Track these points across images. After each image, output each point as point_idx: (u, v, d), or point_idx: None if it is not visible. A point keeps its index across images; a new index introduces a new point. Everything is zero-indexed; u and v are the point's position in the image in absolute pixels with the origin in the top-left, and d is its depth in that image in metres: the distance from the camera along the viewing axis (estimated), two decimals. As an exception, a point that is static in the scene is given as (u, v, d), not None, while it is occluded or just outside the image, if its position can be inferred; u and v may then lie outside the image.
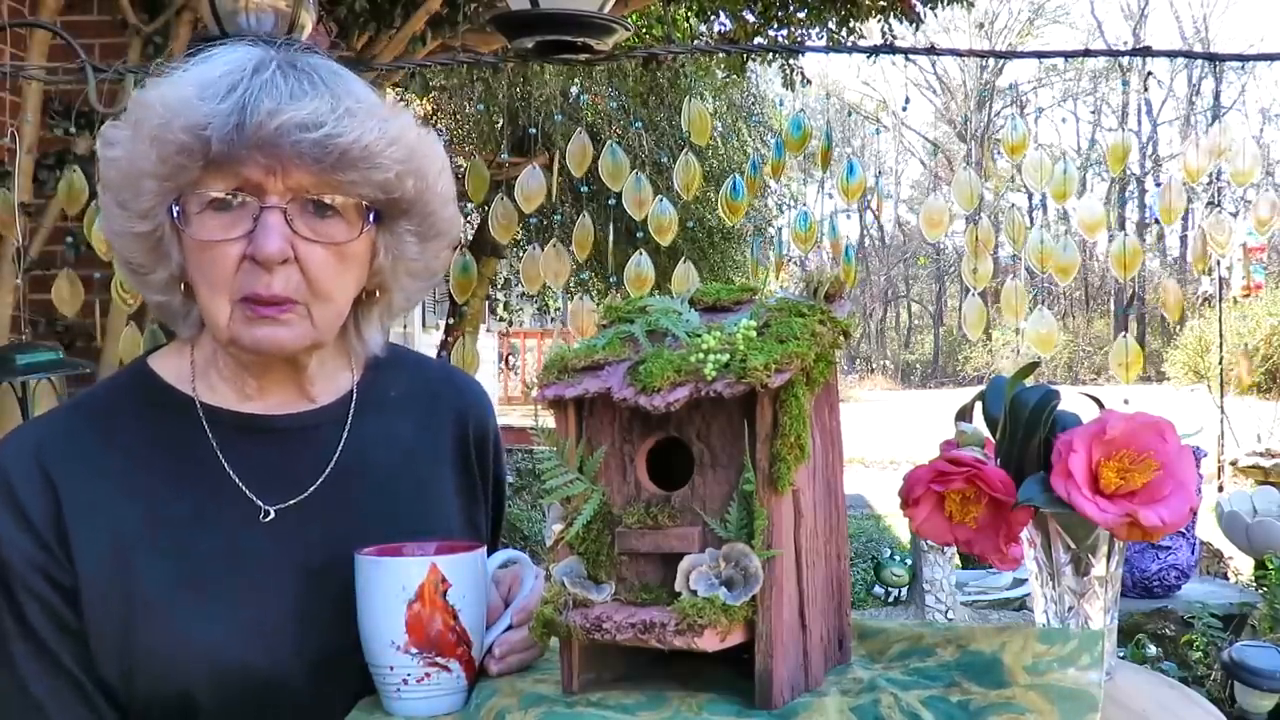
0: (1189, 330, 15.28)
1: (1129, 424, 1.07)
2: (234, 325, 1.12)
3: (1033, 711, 0.97)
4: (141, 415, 1.19)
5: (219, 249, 1.10)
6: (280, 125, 1.06)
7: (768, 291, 1.11)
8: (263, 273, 1.10)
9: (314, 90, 1.09)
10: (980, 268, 3.02)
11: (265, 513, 1.18)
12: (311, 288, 1.12)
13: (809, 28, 6.38)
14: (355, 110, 1.10)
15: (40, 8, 3.60)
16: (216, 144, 1.06)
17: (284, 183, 1.09)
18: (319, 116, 1.07)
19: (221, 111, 1.06)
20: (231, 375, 1.21)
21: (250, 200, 1.09)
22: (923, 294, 42.98)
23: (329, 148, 1.07)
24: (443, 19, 4.42)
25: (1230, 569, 6.30)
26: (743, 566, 0.97)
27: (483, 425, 1.36)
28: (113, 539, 1.12)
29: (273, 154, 1.07)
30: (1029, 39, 36.64)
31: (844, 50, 4.70)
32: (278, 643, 1.14)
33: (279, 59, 1.11)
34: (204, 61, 1.11)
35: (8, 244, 3.33)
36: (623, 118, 6.86)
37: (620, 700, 1.00)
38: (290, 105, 1.06)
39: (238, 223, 1.10)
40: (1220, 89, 25.77)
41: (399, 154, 1.12)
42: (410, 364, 1.37)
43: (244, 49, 1.12)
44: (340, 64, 1.17)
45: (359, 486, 1.23)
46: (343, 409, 1.26)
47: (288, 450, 1.21)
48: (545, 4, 2.67)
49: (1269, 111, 26.18)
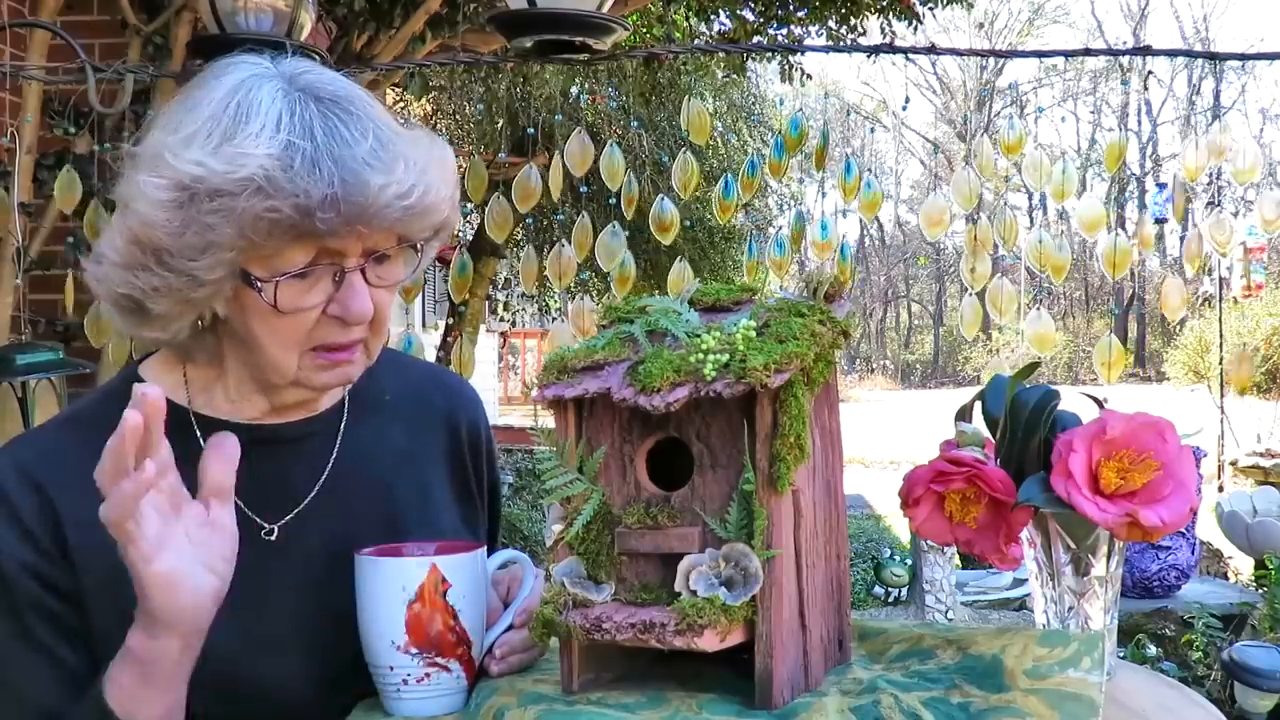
0: (1189, 330, 15.28)
1: (1129, 424, 1.07)
2: (303, 373, 1.13)
3: (1033, 716, 0.97)
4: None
5: (300, 315, 1.10)
6: (389, 200, 1.06)
7: (767, 291, 1.11)
8: (342, 327, 1.11)
9: (387, 147, 1.08)
10: (979, 267, 3.02)
11: (269, 531, 1.18)
12: (374, 326, 1.14)
13: (809, 26, 6.38)
14: (419, 161, 1.10)
15: (40, 8, 3.59)
16: (320, 224, 1.04)
17: (363, 245, 1.10)
18: (410, 178, 1.07)
19: (322, 186, 1.03)
20: (240, 397, 1.20)
21: (330, 264, 1.09)
22: (923, 294, 42.98)
23: (415, 209, 1.09)
24: (442, 19, 4.41)
25: (1230, 569, 6.30)
26: (742, 566, 0.97)
27: (475, 427, 1.36)
28: (112, 555, 1.09)
29: (371, 224, 1.07)
30: (1029, 39, 36.64)
31: (844, 49, 4.70)
32: (283, 656, 1.14)
33: (314, 99, 1.07)
34: (245, 117, 1.05)
35: (8, 244, 3.33)
36: (623, 118, 6.86)
37: (620, 700, 1.00)
38: (390, 177, 1.06)
39: (318, 287, 1.09)
40: (1220, 89, 25.80)
41: (448, 190, 1.15)
42: (401, 367, 1.37)
43: (268, 80, 1.08)
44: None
45: (355, 493, 1.23)
46: (336, 415, 1.26)
47: (284, 460, 1.20)
48: (544, 4, 2.67)
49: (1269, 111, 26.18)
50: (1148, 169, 34.66)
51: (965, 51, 3.26)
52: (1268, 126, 26.00)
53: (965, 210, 3.03)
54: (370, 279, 1.11)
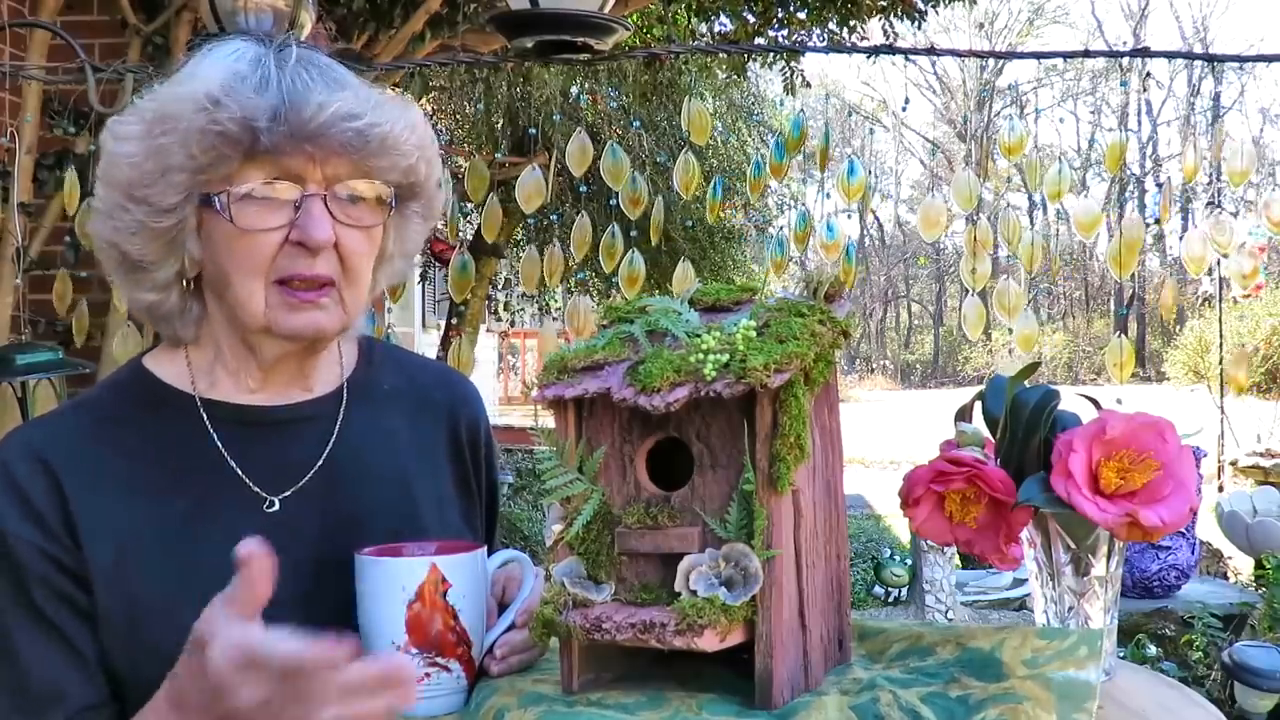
0: (1189, 330, 15.28)
1: (1129, 424, 1.07)
2: (272, 312, 1.14)
3: (1030, 699, 0.97)
4: (142, 414, 1.20)
5: (260, 236, 1.12)
6: (330, 116, 1.09)
7: (767, 292, 1.11)
8: (306, 255, 1.13)
9: (343, 82, 1.13)
10: (979, 268, 3.02)
11: (270, 503, 1.19)
12: (346, 272, 1.16)
13: (809, 28, 6.38)
14: (381, 101, 1.15)
15: (40, 8, 3.59)
16: (265, 136, 1.08)
17: (322, 171, 1.12)
18: (360, 107, 1.11)
19: (266, 103, 1.08)
20: (237, 368, 1.22)
21: (291, 189, 1.12)
22: (923, 294, 42.98)
23: (369, 136, 1.12)
24: (442, 19, 4.41)
25: (1230, 569, 6.30)
26: (742, 566, 0.97)
27: (475, 423, 1.37)
28: (117, 538, 1.13)
29: (319, 144, 1.10)
30: (1029, 39, 36.65)
31: (844, 50, 4.70)
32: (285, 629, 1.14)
33: (291, 53, 1.14)
34: (221, 57, 1.13)
35: (8, 244, 3.33)
36: (623, 118, 6.86)
37: (620, 700, 1.00)
38: (334, 97, 1.10)
39: (279, 210, 1.12)
40: (1220, 89, 25.78)
41: (416, 140, 1.18)
42: (402, 361, 1.38)
43: (249, 44, 1.14)
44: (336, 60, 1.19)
45: (354, 476, 1.24)
46: (336, 400, 1.27)
47: (286, 440, 1.22)
48: (545, 4, 2.67)
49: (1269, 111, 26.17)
50: (1148, 169, 34.65)
51: (965, 53, 3.27)
52: (1268, 127, 25.97)
53: (965, 211, 3.04)
54: (336, 213, 1.13)
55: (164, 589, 1.12)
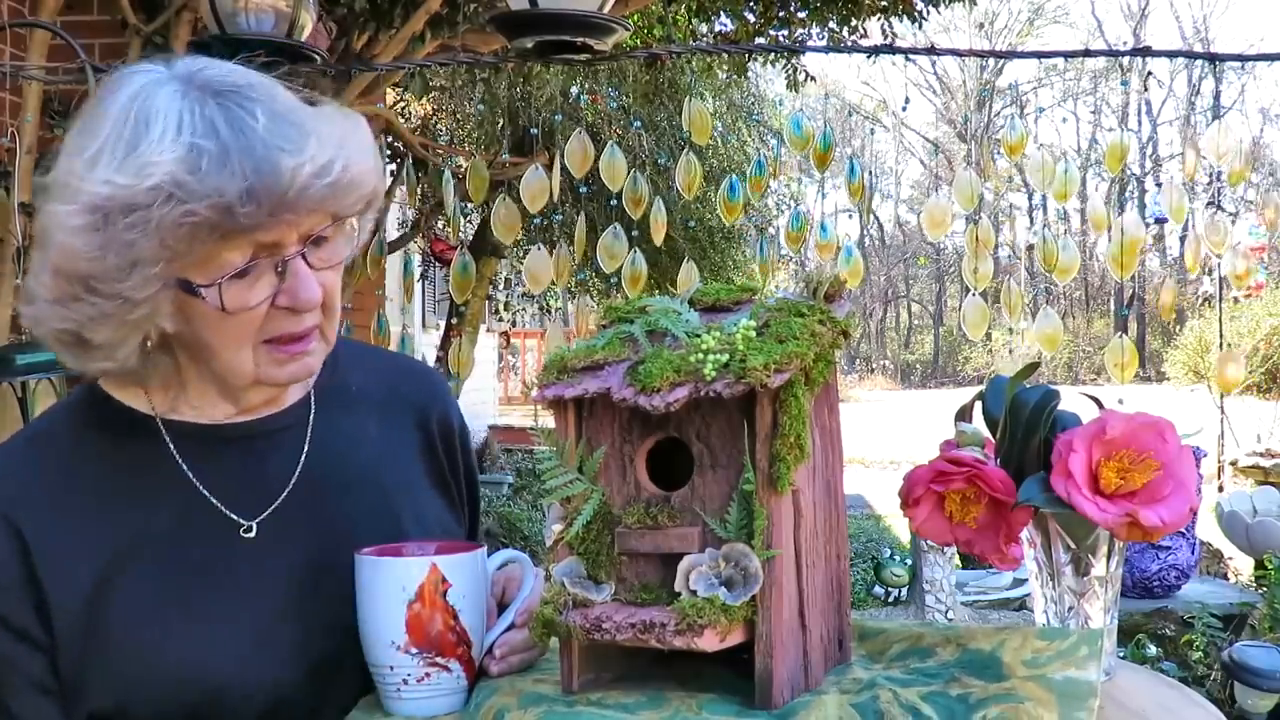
0: (1189, 330, 15.28)
1: (1129, 424, 1.07)
2: (262, 369, 1.11)
3: (1031, 700, 0.97)
4: (101, 439, 1.16)
5: (250, 311, 1.07)
6: (304, 179, 1.03)
7: (768, 291, 1.11)
8: (293, 315, 1.10)
9: (298, 122, 1.05)
10: (980, 268, 3.02)
11: (246, 528, 1.16)
12: (327, 308, 1.13)
13: (810, 27, 6.38)
14: (333, 135, 1.07)
15: (40, 8, 3.59)
16: (241, 216, 1.01)
17: (298, 231, 1.07)
18: (326, 154, 1.05)
19: (235, 184, 1.00)
20: (203, 403, 1.18)
21: (269, 257, 1.06)
22: (923, 294, 42.97)
23: (340, 185, 1.06)
24: (443, 19, 4.41)
25: (1230, 569, 6.30)
26: (742, 566, 0.97)
27: (446, 415, 1.34)
28: (90, 573, 1.09)
29: (297, 209, 1.04)
30: (1029, 39, 36.64)
31: (844, 50, 4.70)
32: (274, 654, 1.12)
33: (223, 92, 1.05)
34: (156, 121, 1.02)
35: (8, 244, 3.33)
36: (623, 118, 6.85)
37: (620, 700, 1.00)
38: (302, 154, 1.03)
39: (262, 281, 1.07)
40: (1220, 89, 25.78)
41: (373, 159, 1.12)
42: (366, 358, 1.35)
43: (166, 87, 1.05)
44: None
45: (331, 486, 1.21)
46: (304, 408, 1.24)
47: (255, 457, 1.19)
48: (545, 4, 2.67)
49: (1269, 111, 26.16)
50: (1148, 169, 34.65)
51: (965, 52, 3.27)
52: (1268, 127, 25.98)
53: (966, 210, 3.04)
54: (313, 262, 1.09)
55: (145, 620, 1.10)
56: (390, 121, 5.24)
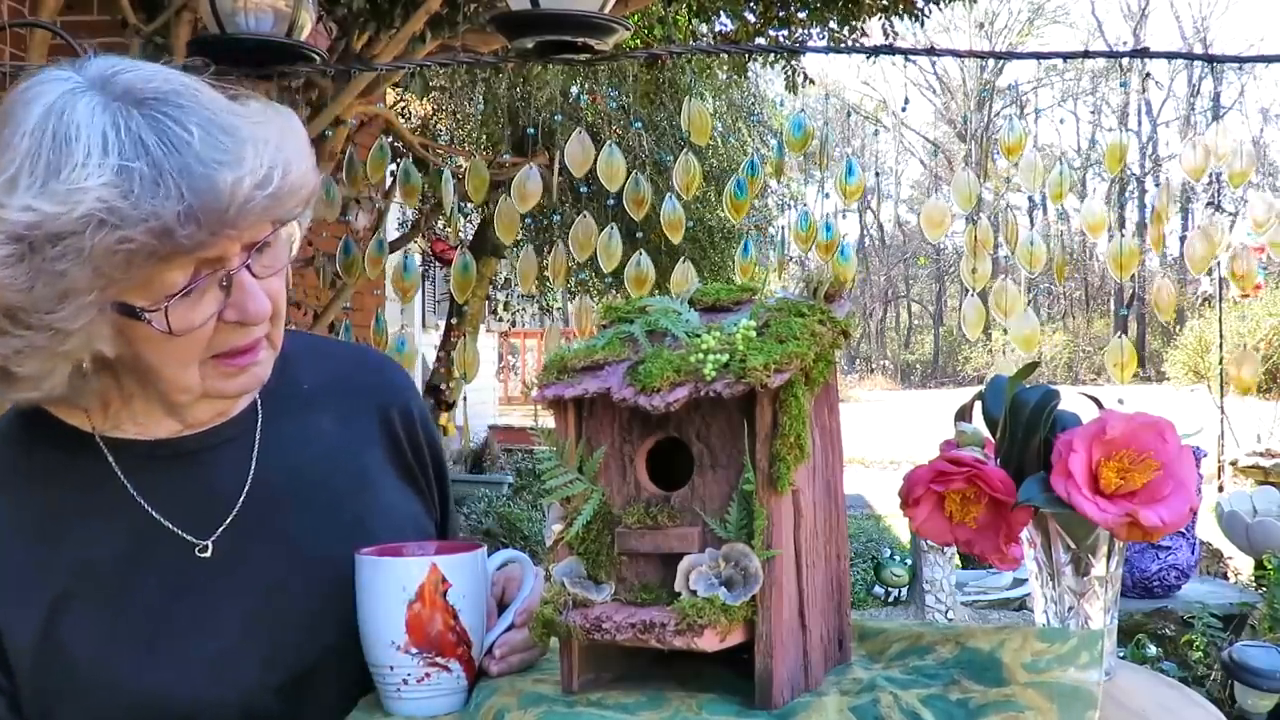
0: (1189, 330, 15.29)
1: (1129, 424, 1.07)
2: (210, 383, 1.07)
3: (1032, 709, 0.97)
4: (42, 462, 1.11)
5: (196, 331, 1.02)
6: (245, 193, 0.97)
7: (767, 291, 1.11)
8: (241, 328, 1.05)
9: (229, 127, 1.00)
10: (979, 268, 3.02)
11: (202, 548, 1.12)
12: (274, 318, 1.09)
13: (810, 27, 6.38)
14: (269, 139, 1.02)
15: (40, 8, 3.60)
16: (181, 238, 0.95)
17: (241, 243, 1.02)
18: (263, 161, 0.99)
19: (171, 207, 0.94)
20: (148, 420, 1.14)
21: (211, 272, 1.02)
22: (923, 294, 42.97)
23: (281, 193, 1.01)
24: (443, 19, 4.41)
25: (1230, 569, 6.30)
26: (742, 566, 0.97)
27: (406, 405, 1.29)
28: (40, 604, 1.06)
29: (239, 224, 0.98)
30: (1029, 39, 36.65)
31: (844, 50, 4.70)
32: (240, 672, 1.10)
33: (144, 99, 0.98)
34: (77, 136, 0.95)
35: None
36: (623, 118, 6.86)
37: (620, 700, 1.00)
38: (240, 166, 0.97)
39: (207, 298, 1.02)
40: (1220, 89, 25.78)
41: (307, 159, 1.07)
42: (320, 353, 1.29)
43: (81, 96, 0.97)
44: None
45: (284, 495, 1.17)
46: (251, 415, 1.19)
47: (204, 471, 1.15)
48: (545, 4, 2.67)
49: (1269, 111, 26.15)
50: (1148, 169, 34.65)
51: (965, 53, 3.27)
52: (1267, 127, 25.97)
53: (965, 211, 3.04)
54: (257, 272, 1.04)
55: (101, 647, 1.07)
56: (390, 121, 5.24)
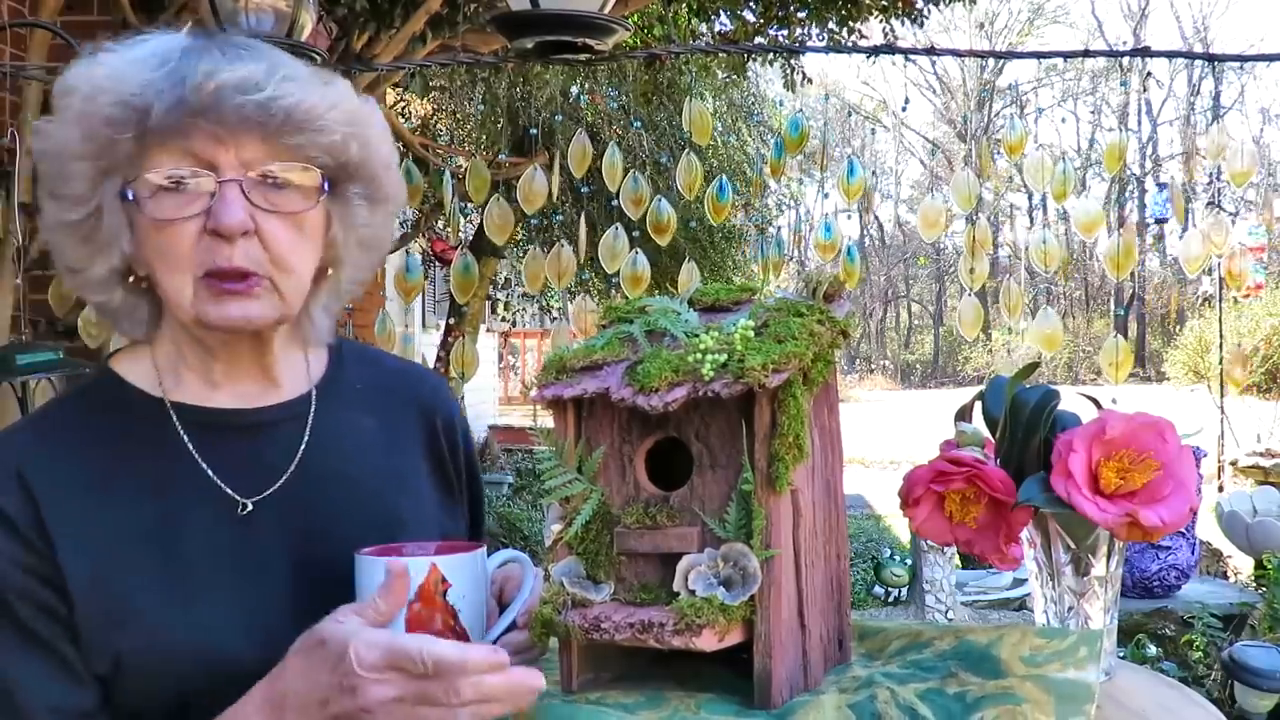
0: (1189, 330, 15.28)
1: (1129, 424, 1.07)
2: (199, 304, 1.11)
3: (1029, 701, 0.97)
4: (111, 420, 1.18)
5: (177, 226, 1.08)
6: (219, 88, 1.05)
7: (767, 292, 1.11)
8: (224, 245, 1.09)
9: (250, 55, 1.09)
10: (977, 268, 3.02)
11: (243, 506, 1.17)
12: (274, 261, 1.12)
13: (809, 27, 6.38)
14: (293, 75, 1.10)
15: (40, 8, 3.59)
16: (156, 115, 1.05)
17: (237, 156, 1.08)
18: (257, 78, 1.07)
19: (155, 80, 1.05)
20: (198, 363, 1.20)
21: (205, 176, 1.08)
22: (923, 294, 42.98)
23: (273, 110, 1.07)
24: (443, 19, 4.41)
25: (1230, 569, 6.30)
26: (741, 566, 0.97)
27: (449, 418, 1.35)
28: (94, 547, 1.11)
29: (217, 119, 1.06)
30: (1029, 39, 36.65)
31: (844, 50, 4.70)
32: (268, 635, 1.12)
33: (212, 39, 1.11)
34: (132, 44, 1.11)
35: (8, 244, 3.33)
36: (623, 118, 6.86)
37: (619, 700, 1.00)
38: (226, 68, 1.06)
39: (194, 199, 1.09)
40: (1220, 89, 25.77)
41: (341, 117, 1.13)
42: (371, 359, 1.37)
43: (175, 34, 1.12)
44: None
45: (328, 477, 1.22)
46: (305, 403, 1.25)
47: (258, 444, 1.20)
48: (546, 4, 2.67)
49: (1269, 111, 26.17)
50: (1148, 169, 34.64)
51: (965, 52, 3.27)
52: (1268, 127, 25.98)
53: (964, 211, 3.04)
54: (256, 200, 1.09)
55: (144, 595, 1.11)
56: (390, 121, 5.24)
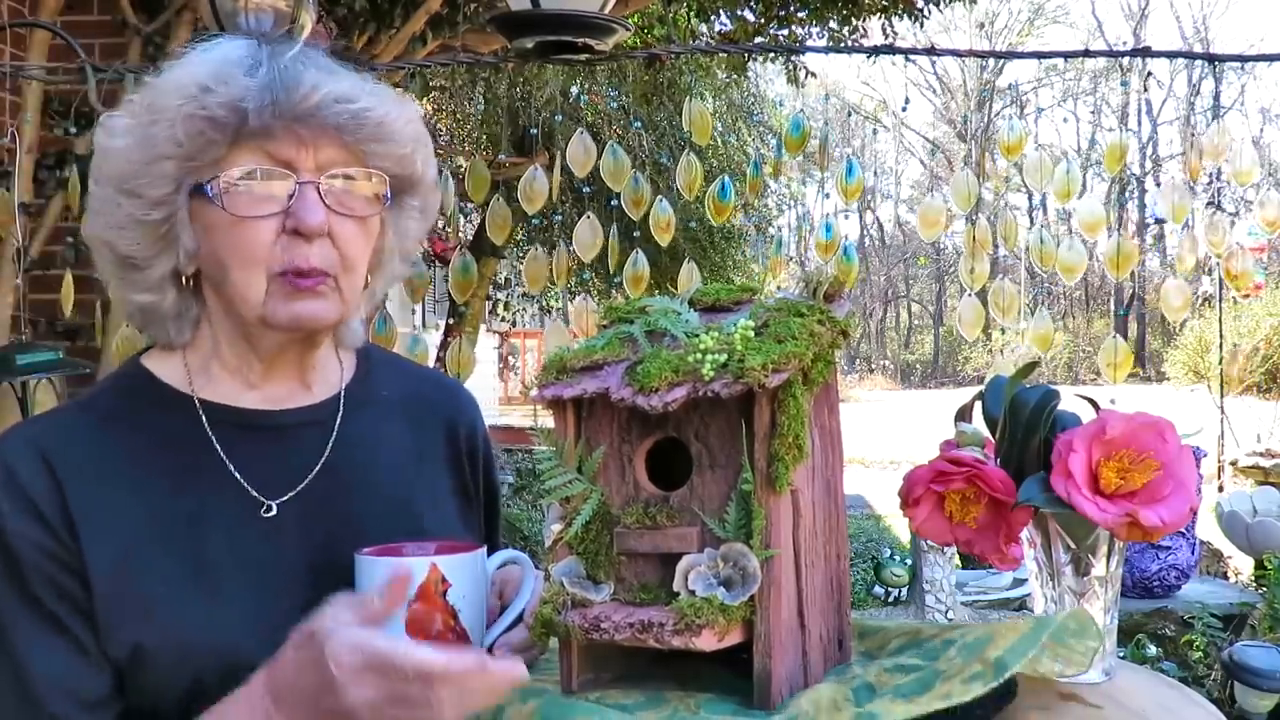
0: (1189, 330, 15.27)
1: (1129, 424, 1.07)
2: (271, 301, 1.13)
3: (998, 634, 1.01)
4: (141, 415, 1.20)
5: (256, 224, 1.11)
6: (322, 98, 1.10)
7: (767, 292, 1.11)
8: (302, 244, 1.12)
9: (340, 71, 1.14)
10: (977, 268, 3.02)
11: (267, 507, 1.18)
12: (343, 261, 1.15)
13: (810, 27, 6.39)
14: (376, 90, 1.16)
15: (40, 8, 3.59)
16: (254, 119, 1.08)
17: (315, 158, 1.12)
18: (354, 91, 1.13)
19: (255, 86, 1.09)
20: (237, 363, 1.21)
21: (284, 177, 1.12)
22: (923, 294, 42.98)
23: (363, 120, 1.12)
24: (443, 19, 4.41)
25: (1230, 569, 6.29)
26: (741, 566, 0.97)
27: (473, 430, 1.38)
28: (118, 538, 1.12)
29: (311, 126, 1.11)
30: (1029, 39, 36.65)
31: (844, 50, 4.70)
32: (285, 636, 1.14)
33: (288, 47, 1.15)
34: (214, 48, 1.14)
35: (8, 244, 3.33)
36: (623, 118, 6.86)
37: (619, 700, 1.00)
38: (328, 80, 1.11)
39: (273, 198, 1.12)
40: (1220, 89, 25.76)
41: (413, 131, 1.19)
42: (400, 369, 1.39)
43: (246, 40, 1.15)
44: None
45: (352, 482, 1.23)
46: (333, 406, 1.27)
47: (283, 445, 1.22)
48: (546, 4, 2.67)
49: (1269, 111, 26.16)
50: (1148, 169, 34.63)
51: (965, 52, 3.27)
52: (1268, 127, 25.97)
53: (964, 211, 3.04)
54: (330, 202, 1.13)
55: (166, 591, 1.12)
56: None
